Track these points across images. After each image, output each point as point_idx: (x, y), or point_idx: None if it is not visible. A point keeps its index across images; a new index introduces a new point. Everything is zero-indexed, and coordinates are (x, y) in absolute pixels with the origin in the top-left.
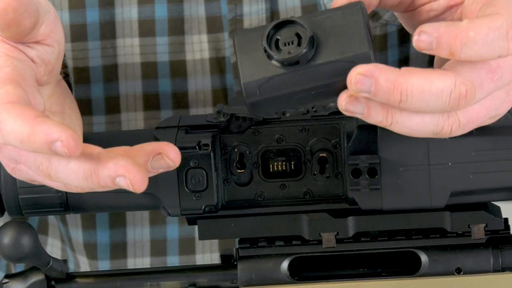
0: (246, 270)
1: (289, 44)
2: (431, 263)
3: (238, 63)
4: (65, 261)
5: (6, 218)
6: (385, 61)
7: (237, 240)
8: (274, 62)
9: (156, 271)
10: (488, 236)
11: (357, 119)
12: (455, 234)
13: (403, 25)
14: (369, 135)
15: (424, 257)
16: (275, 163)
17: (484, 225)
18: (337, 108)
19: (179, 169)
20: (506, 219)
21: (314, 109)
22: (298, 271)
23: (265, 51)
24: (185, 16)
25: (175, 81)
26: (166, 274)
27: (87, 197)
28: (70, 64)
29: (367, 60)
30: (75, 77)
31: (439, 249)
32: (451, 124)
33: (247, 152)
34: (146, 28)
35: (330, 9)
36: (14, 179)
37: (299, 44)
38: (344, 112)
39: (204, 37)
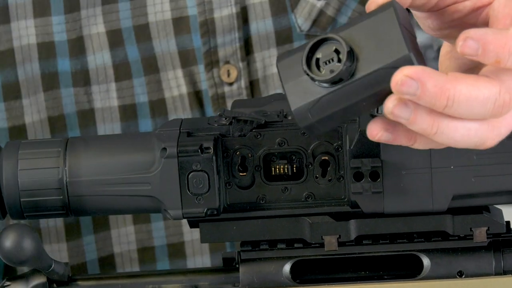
0: (248, 273)
1: (329, 62)
2: (433, 266)
3: (285, 91)
4: (67, 264)
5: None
6: None
7: (239, 243)
8: (318, 83)
9: (158, 273)
10: (490, 239)
11: (359, 122)
12: (457, 237)
13: (421, 25)
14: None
15: (426, 260)
16: (277, 166)
17: (486, 228)
18: None
19: (181, 172)
20: (508, 222)
21: None
22: (300, 274)
23: (307, 74)
24: (157, 54)
25: (156, 121)
26: (168, 276)
27: (88, 200)
28: (44, 114)
29: (408, 62)
30: (50, 126)
31: (441, 252)
32: (494, 137)
33: (249, 155)
34: (122, 72)
35: (364, 15)
36: (16, 182)
37: (339, 61)
38: (389, 116)
39: (179, 72)
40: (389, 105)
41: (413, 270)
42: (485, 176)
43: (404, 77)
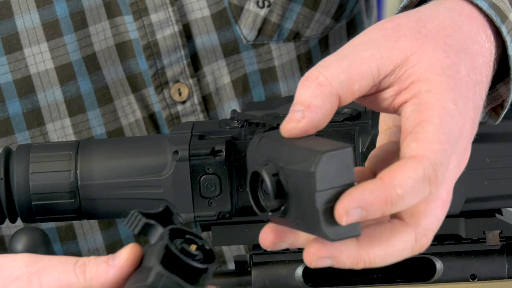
0: (260, 276)
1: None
2: (445, 270)
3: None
4: None
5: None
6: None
7: (251, 246)
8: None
9: None
10: (503, 242)
11: (371, 124)
12: (469, 241)
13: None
14: None
15: (439, 264)
16: None
17: (499, 231)
18: (351, 114)
19: (192, 175)
20: None
21: None
22: (312, 278)
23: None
24: (108, 82)
25: None
26: None
27: (100, 203)
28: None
29: (320, 235)
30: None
31: (453, 256)
32: (425, 242)
33: None
34: (76, 106)
35: (302, 147)
36: (27, 185)
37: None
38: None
39: (132, 98)
40: (312, 263)
41: (425, 273)
42: (498, 179)
43: (317, 259)
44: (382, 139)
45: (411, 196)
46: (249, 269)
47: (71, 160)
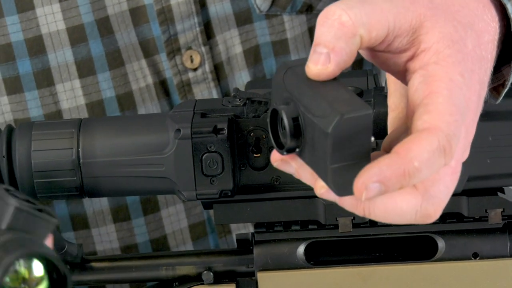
0: (262, 254)
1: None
2: (447, 248)
3: None
4: (80, 246)
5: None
6: None
7: (253, 224)
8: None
9: (171, 255)
10: (505, 221)
11: (374, 103)
12: (472, 219)
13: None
14: (385, 120)
15: (441, 242)
16: None
17: (501, 210)
18: (354, 92)
19: (194, 153)
20: None
21: None
22: (314, 256)
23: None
24: (120, 46)
25: (125, 114)
26: (181, 258)
27: (102, 181)
28: (10, 117)
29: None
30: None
31: (456, 234)
32: (428, 211)
33: (263, 136)
34: (86, 68)
35: (325, 98)
36: (29, 163)
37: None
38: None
39: (143, 63)
40: (274, 163)
41: (427, 252)
42: (500, 157)
43: (323, 189)
44: (393, 121)
45: (428, 168)
46: (251, 247)
47: (73, 138)
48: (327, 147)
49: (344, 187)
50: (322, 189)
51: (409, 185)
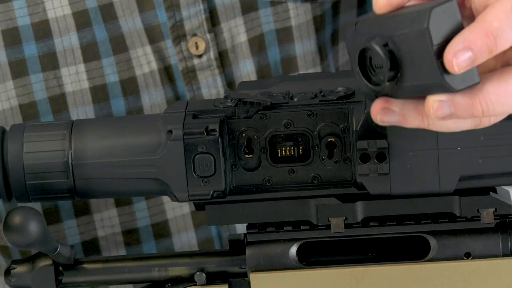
0: (254, 255)
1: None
2: (440, 248)
3: None
4: (72, 247)
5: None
6: (323, 39)
7: (245, 225)
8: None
9: (164, 256)
10: (497, 220)
11: (365, 103)
12: (464, 219)
13: None
14: None
15: (433, 242)
16: (283, 148)
17: (493, 209)
18: (345, 93)
19: (186, 155)
20: None
21: (322, 94)
22: (307, 256)
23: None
24: (124, 32)
25: (128, 100)
26: (174, 259)
27: (94, 183)
28: (15, 102)
29: (442, 89)
30: (22, 114)
31: (448, 234)
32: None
33: (255, 137)
34: (90, 53)
35: (404, 14)
36: (21, 165)
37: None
38: (380, 123)
39: (148, 49)
40: (376, 116)
41: (420, 252)
42: (492, 157)
43: (434, 103)
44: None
45: (509, 27)
46: (244, 248)
47: (65, 139)
48: (428, 43)
49: (457, 79)
50: (435, 104)
51: (498, 49)
